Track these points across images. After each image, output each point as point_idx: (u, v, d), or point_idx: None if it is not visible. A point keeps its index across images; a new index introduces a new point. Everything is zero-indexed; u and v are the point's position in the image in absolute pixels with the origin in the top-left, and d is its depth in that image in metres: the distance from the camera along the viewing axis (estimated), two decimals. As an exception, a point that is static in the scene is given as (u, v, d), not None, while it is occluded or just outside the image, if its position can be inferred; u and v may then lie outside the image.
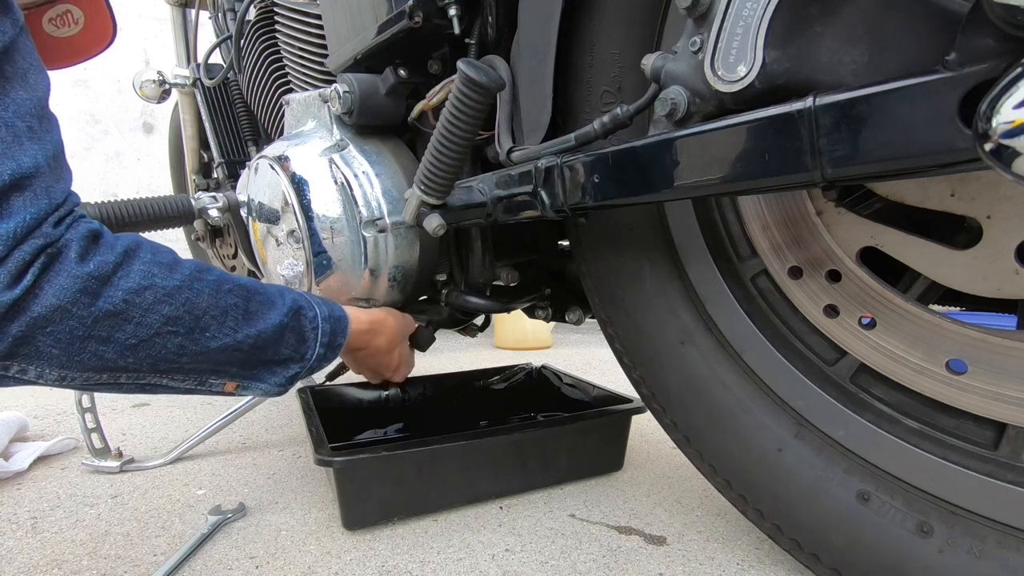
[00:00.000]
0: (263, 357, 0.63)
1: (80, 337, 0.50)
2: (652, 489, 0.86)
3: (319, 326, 0.67)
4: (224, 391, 0.63)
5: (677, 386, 0.66)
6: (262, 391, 0.65)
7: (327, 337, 0.68)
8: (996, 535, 0.48)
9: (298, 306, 0.65)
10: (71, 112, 2.49)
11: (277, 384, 0.66)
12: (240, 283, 0.61)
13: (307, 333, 0.66)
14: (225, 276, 0.61)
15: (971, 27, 0.31)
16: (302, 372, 0.67)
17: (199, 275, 0.58)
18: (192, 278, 0.57)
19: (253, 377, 0.64)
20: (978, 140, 0.29)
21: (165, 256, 0.56)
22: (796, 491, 0.58)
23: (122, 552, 0.70)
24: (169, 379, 0.58)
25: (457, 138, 0.57)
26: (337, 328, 0.70)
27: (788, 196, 0.58)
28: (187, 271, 0.57)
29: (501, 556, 0.68)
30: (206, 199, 0.94)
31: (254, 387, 0.65)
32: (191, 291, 0.56)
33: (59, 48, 0.83)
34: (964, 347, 0.51)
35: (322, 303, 0.69)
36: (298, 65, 0.91)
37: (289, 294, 0.66)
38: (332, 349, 0.69)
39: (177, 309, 0.55)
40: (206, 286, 0.57)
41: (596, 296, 0.72)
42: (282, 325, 0.63)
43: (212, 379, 0.61)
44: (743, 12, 0.41)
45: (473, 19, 0.68)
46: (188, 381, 0.59)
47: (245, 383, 0.64)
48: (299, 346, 0.65)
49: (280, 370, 0.65)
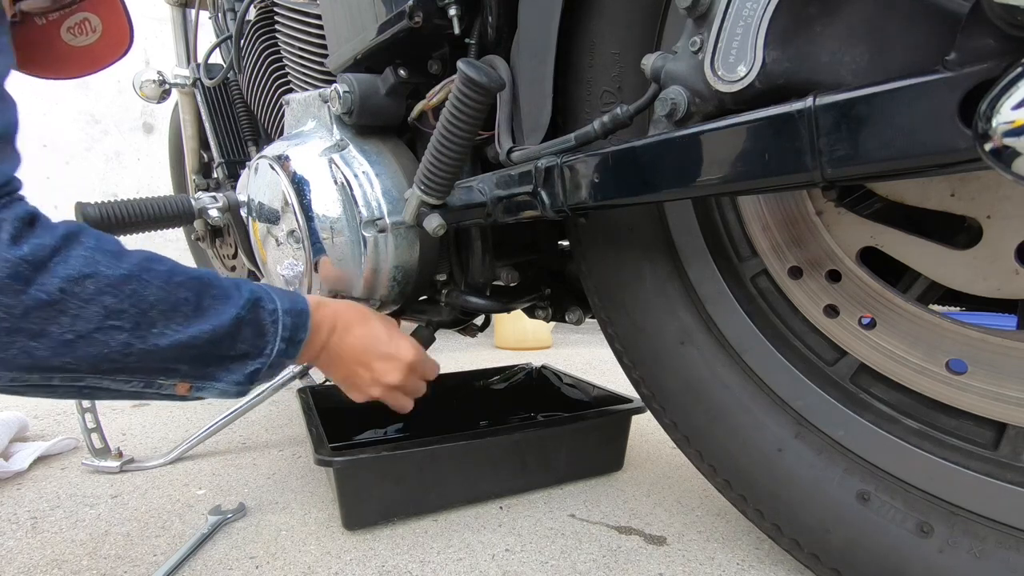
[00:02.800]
0: (218, 353, 0.57)
1: (6, 330, 0.45)
2: (652, 489, 0.86)
3: (279, 319, 0.62)
4: (175, 394, 0.57)
5: (677, 386, 0.66)
6: (218, 391, 0.60)
7: (288, 331, 0.62)
8: (996, 535, 0.48)
9: (256, 297, 0.60)
10: (71, 112, 2.49)
11: (235, 383, 0.60)
12: (193, 275, 0.56)
13: (266, 327, 0.60)
14: (177, 267, 0.55)
15: (971, 27, 0.31)
16: (263, 370, 0.61)
17: (148, 265, 0.53)
18: (140, 268, 0.51)
19: (207, 376, 0.58)
20: (978, 140, 0.29)
21: (110, 243, 0.51)
22: (796, 491, 0.58)
23: (122, 552, 0.70)
24: (111, 381, 0.52)
25: (457, 138, 0.57)
26: (298, 322, 0.64)
27: (788, 196, 0.58)
28: (135, 260, 0.52)
29: (501, 556, 0.68)
30: (206, 199, 0.94)
31: (209, 388, 0.59)
32: (139, 282, 0.51)
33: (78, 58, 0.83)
34: (964, 347, 0.51)
35: (283, 295, 0.63)
36: (298, 65, 0.91)
37: (247, 285, 0.61)
38: (294, 344, 0.63)
39: (122, 301, 0.49)
40: (155, 277, 0.52)
41: (596, 296, 0.72)
42: (238, 318, 0.57)
43: (161, 380, 0.55)
44: (743, 12, 0.41)
45: (473, 19, 0.68)
46: (134, 383, 0.54)
47: (199, 383, 0.58)
48: (257, 341, 0.60)
49: (237, 367, 0.59)
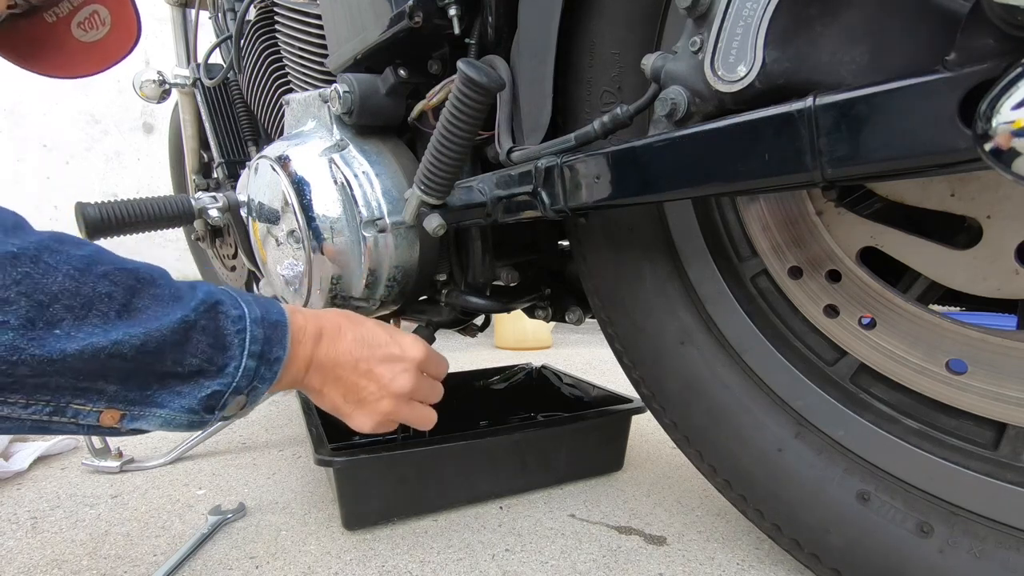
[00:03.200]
0: (158, 368, 0.44)
1: None
2: (652, 489, 0.86)
3: (246, 329, 0.48)
4: (99, 425, 0.43)
5: (677, 386, 0.66)
6: (161, 420, 0.46)
7: (258, 345, 0.49)
8: (996, 535, 0.48)
9: (214, 300, 0.47)
10: (71, 112, 2.49)
11: (185, 410, 0.46)
12: (127, 267, 0.44)
13: (227, 338, 0.47)
14: (101, 255, 0.43)
15: (971, 27, 0.31)
16: (226, 393, 0.48)
17: (56, 246, 0.41)
18: (41, 247, 0.40)
19: (145, 401, 0.44)
20: (978, 140, 0.29)
21: (4, 216, 0.40)
22: (796, 491, 0.58)
23: (122, 552, 0.70)
24: (1, 403, 0.39)
25: (457, 138, 0.57)
26: (272, 335, 0.50)
27: (788, 196, 0.58)
28: (35, 237, 0.40)
29: (501, 556, 0.68)
30: (206, 199, 0.94)
31: (149, 416, 0.45)
32: (35, 264, 0.39)
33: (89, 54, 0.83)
34: (964, 347, 0.51)
35: (254, 301, 0.51)
36: (298, 65, 0.91)
37: (205, 286, 0.48)
38: (268, 363, 0.50)
39: (6, 288, 0.38)
40: (64, 261, 0.40)
41: (596, 296, 0.72)
42: (186, 323, 0.45)
43: (77, 403, 0.42)
44: (743, 12, 0.41)
45: (473, 19, 0.68)
46: (34, 407, 0.40)
47: (133, 410, 0.44)
48: (215, 355, 0.47)
49: (188, 389, 0.46)
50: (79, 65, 0.85)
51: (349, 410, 0.59)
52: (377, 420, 0.59)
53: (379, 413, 0.58)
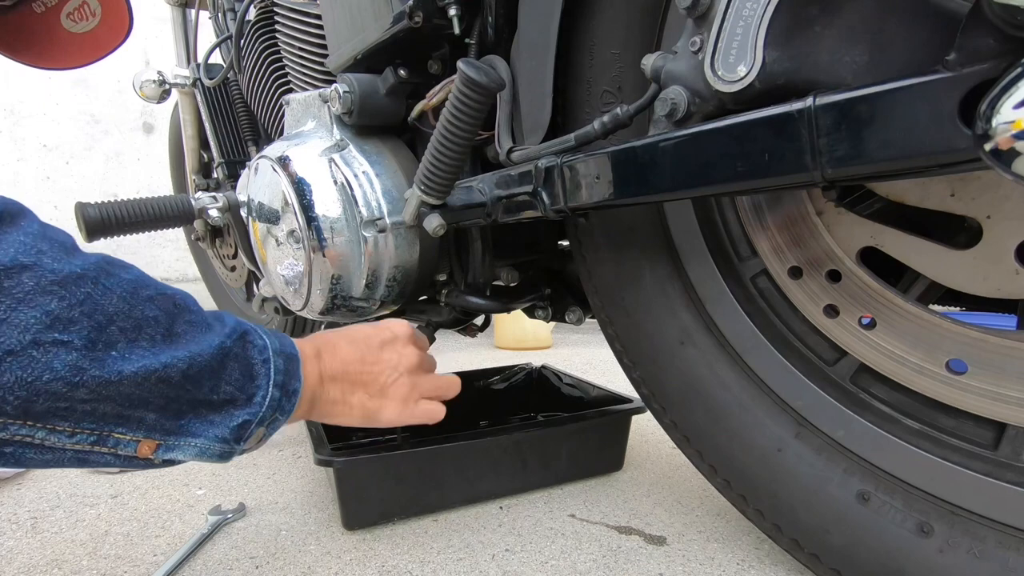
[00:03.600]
0: (197, 396, 0.44)
1: None
2: (652, 489, 0.86)
3: (271, 359, 0.49)
4: (136, 456, 0.43)
5: (677, 386, 0.66)
6: (196, 451, 0.46)
7: (281, 376, 0.50)
8: (996, 535, 0.49)
9: (244, 329, 0.49)
10: (71, 112, 2.49)
11: (218, 439, 0.46)
12: (166, 292, 0.45)
13: (256, 367, 0.48)
14: (146, 279, 0.45)
15: (971, 27, 0.31)
16: (253, 424, 0.48)
17: (109, 268, 0.42)
18: (99, 269, 0.41)
19: (181, 431, 0.44)
20: (978, 140, 0.29)
21: (61, 235, 0.41)
22: (796, 491, 0.58)
23: (122, 552, 0.70)
24: (47, 431, 0.38)
25: (457, 138, 0.57)
26: (291, 368, 0.51)
27: (788, 196, 0.58)
28: (92, 259, 0.41)
29: (501, 556, 0.68)
30: (206, 199, 0.94)
31: (185, 446, 0.45)
32: (95, 285, 0.39)
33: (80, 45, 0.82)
34: (964, 347, 0.51)
35: (272, 333, 0.52)
36: (298, 65, 0.91)
37: (230, 316, 0.50)
38: (288, 395, 0.51)
39: (72, 308, 0.38)
40: (118, 284, 0.41)
41: (596, 296, 0.72)
42: (223, 350, 0.46)
43: (119, 432, 0.41)
44: (743, 12, 0.41)
45: (473, 19, 0.68)
46: (80, 435, 0.39)
47: (171, 440, 0.44)
48: (246, 383, 0.47)
49: (219, 419, 0.46)
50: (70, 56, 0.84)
51: (376, 404, 0.59)
52: (406, 403, 0.60)
53: (404, 395, 0.60)
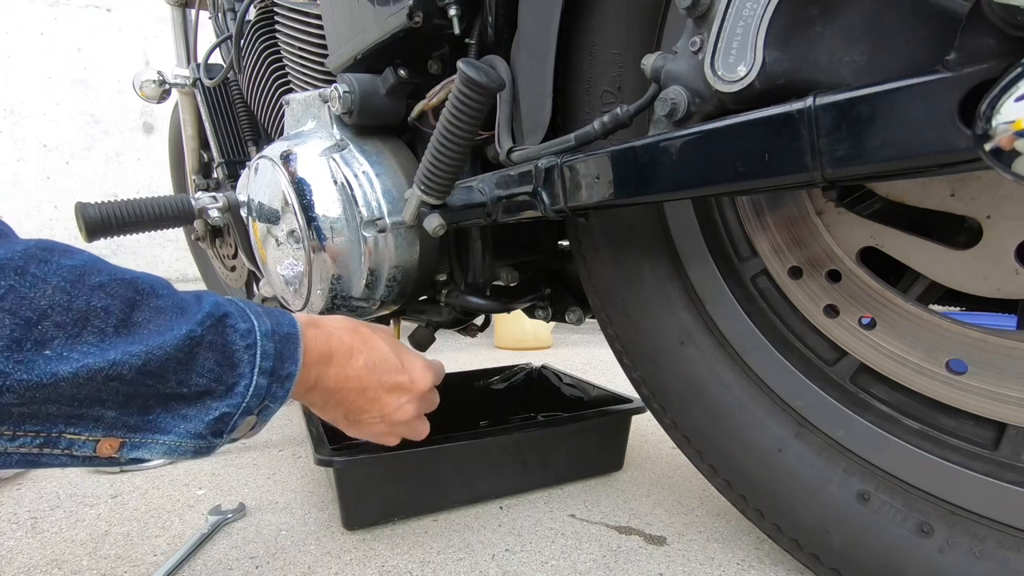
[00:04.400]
0: (162, 390, 0.40)
1: None
2: (652, 489, 0.86)
3: (256, 344, 0.45)
4: (97, 455, 0.40)
5: (677, 386, 0.66)
6: (166, 448, 0.42)
7: (270, 361, 0.45)
8: (996, 535, 0.49)
9: (222, 312, 0.44)
10: (71, 112, 2.49)
11: (191, 434, 0.43)
12: (123, 278, 0.40)
13: (236, 353, 0.44)
14: (96, 264, 0.39)
15: (971, 27, 0.31)
16: (235, 416, 0.44)
17: (43, 255, 0.36)
18: (27, 257, 0.35)
19: (146, 427, 0.41)
20: (978, 140, 0.29)
21: None
22: (796, 491, 0.58)
23: (122, 552, 0.70)
24: None
25: (457, 138, 0.57)
26: (284, 350, 0.47)
27: (788, 196, 0.58)
28: (19, 247, 0.36)
29: (501, 556, 0.68)
30: (206, 199, 0.94)
31: (152, 443, 0.41)
32: (20, 276, 0.35)
33: None
34: (964, 347, 0.51)
35: (263, 313, 0.47)
36: (298, 65, 0.91)
37: (211, 297, 0.45)
38: (279, 381, 0.46)
39: None
40: (53, 272, 0.36)
41: (596, 296, 0.72)
42: (192, 339, 0.41)
43: (71, 433, 0.38)
44: (743, 12, 0.41)
45: (473, 19, 0.68)
46: (23, 438, 0.36)
47: (133, 437, 0.40)
48: (223, 373, 0.43)
49: (193, 412, 0.42)
50: None
51: (345, 425, 0.60)
52: (369, 437, 0.62)
53: (372, 434, 0.62)
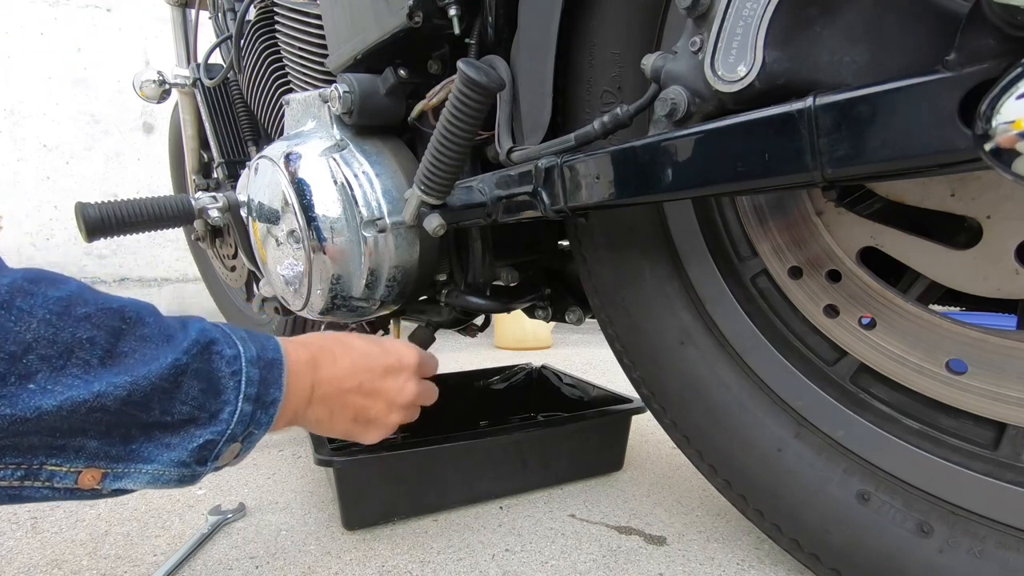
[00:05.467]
0: (146, 419, 0.40)
1: None
2: (652, 489, 0.86)
3: (242, 371, 0.45)
4: (79, 487, 0.40)
5: (677, 386, 0.66)
6: (148, 478, 0.42)
7: (255, 387, 0.45)
8: (996, 535, 0.49)
9: (208, 339, 0.44)
10: (71, 112, 2.49)
11: (175, 463, 0.42)
12: (110, 307, 0.40)
13: (222, 380, 0.44)
14: (82, 294, 0.39)
15: (971, 27, 0.31)
16: (219, 442, 0.44)
17: (28, 287, 0.37)
18: (13, 289, 0.36)
19: (129, 456, 0.40)
20: (978, 140, 0.29)
21: None
22: (796, 491, 0.58)
23: (122, 552, 0.70)
24: None
25: (457, 138, 0.57)
26: (269, 376, 0.47)
27: (788, 196, 0.58)
28: (7, 279, 0.36)
29: (501, 556, 0.68)
30: (206, 199, 0.94)
31: (135, 474, 0.41)
32: (6, 311, 0.35)
33: None
34: (964, 347, 0.51)
35: (248, 339, 0.47)
36: (298, 65, 0.91)
37: (197, 324, 0.45)
38: (264, 407, 0.46)
39: None
40: (39, 305, 0.36)
41: (596, 296, 0.72)
42: (178, 367, 0.41)
43: (52, 464, 0.38)
44: (743, 12, 0.41)
45: (473, 19, 0.68)
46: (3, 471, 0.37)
47: (117, 467, 0.40)
48: (208, 400, 0.43)
49: (177, 440, 0.42)
50: None
51: (360, 431, 0.59)
52: (390, 430, 0.61)
53: (391, 427, 0.60)
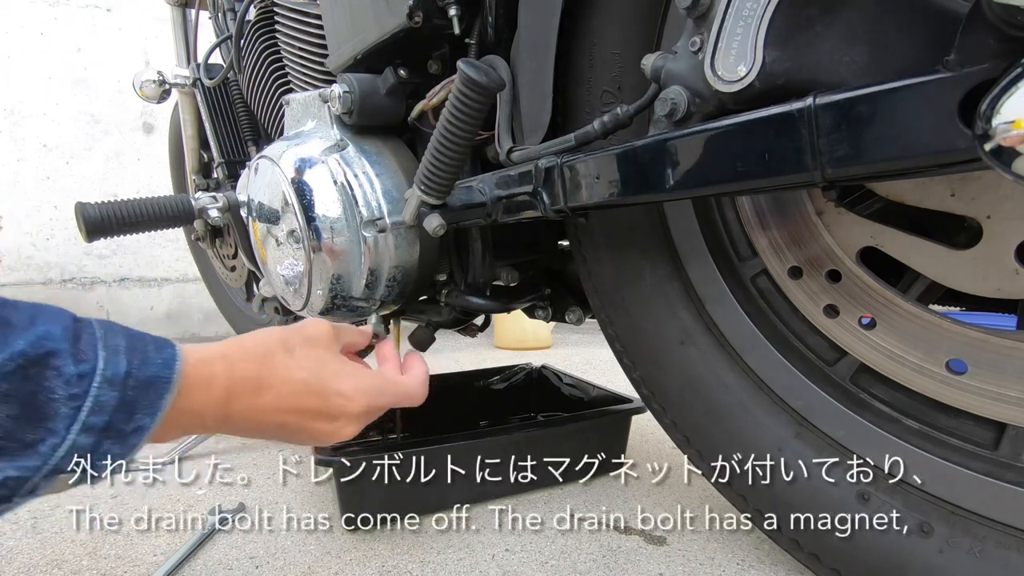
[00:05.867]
0: None
1: None
2: (652, 489, 0.86)
3: (88, 393, 0.35)
4: None
5: (677, 386, 0.66)
6: None
7: (104, 416, 0.36)
8: (996, 535, 0.48)
9: (44, 351, 0.34)
10: (71, 112, 2.49)
11: None
12: None
13: (51, 405, 0.34)
14: None
15: (971, 27, 0.31)
16: (30, 479, 0.35)
17: None
18: None
19: None
20: (978, 140, 0.29)
21: None
22: (796, 491, 0.58)
23: (122, 552, 0.70)
24: None
25: (457, 138, 0.57)
26: (137, 400, 0.37)
27: (788, 196, 0.58)
28: None
29: (501, 556, 0.68)
30: (206, 199, 0.94)
31: None
32: None
33: None
34: (964, 347, 0.51)
35: (126, 350, 0.38)
36: (298, 65, 0.91)
37: (44, 326, 0.35)
38: (118, 437, 0.37)
39: None
40: None
41: (596, 296, 0.72)
42: None
43: None
44: (743, 12, 0.41)
45: (473, 19, 0.68)
46: None
47: None
48: (20, 428, 0.34)
49: None
50: None
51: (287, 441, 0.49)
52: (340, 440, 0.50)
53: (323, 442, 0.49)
